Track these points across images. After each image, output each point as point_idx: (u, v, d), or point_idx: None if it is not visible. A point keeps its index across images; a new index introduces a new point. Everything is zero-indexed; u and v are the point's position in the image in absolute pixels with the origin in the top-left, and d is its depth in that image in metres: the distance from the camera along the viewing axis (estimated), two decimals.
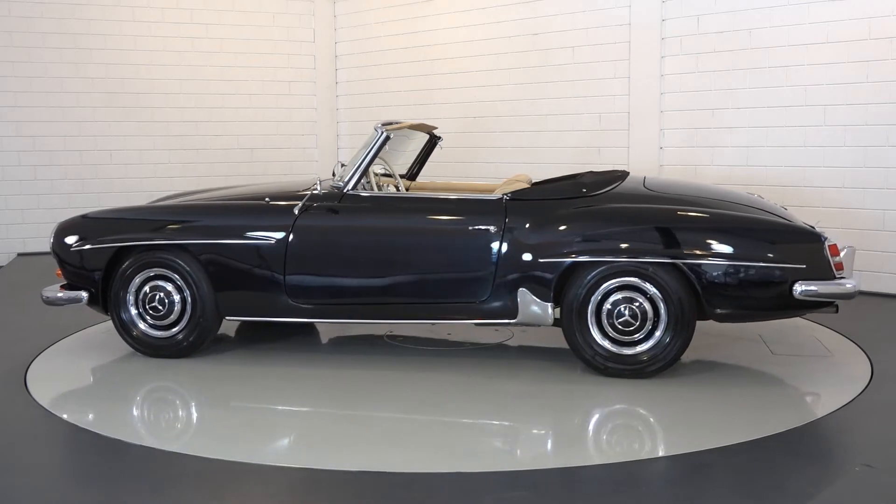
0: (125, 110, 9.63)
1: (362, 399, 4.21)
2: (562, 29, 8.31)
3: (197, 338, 4.89)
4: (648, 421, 3.88)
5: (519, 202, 4.65)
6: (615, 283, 4.38)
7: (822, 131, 6.80)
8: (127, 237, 4.90)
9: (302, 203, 4.78)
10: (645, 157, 7.76)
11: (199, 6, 9.88)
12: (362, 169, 4.86)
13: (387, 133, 4.88)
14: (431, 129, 5.92)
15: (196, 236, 4.83)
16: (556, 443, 3.71)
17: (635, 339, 4.39)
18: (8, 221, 9.25)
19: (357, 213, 4.80)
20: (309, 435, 3.78)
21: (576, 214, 4.52)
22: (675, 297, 4.30)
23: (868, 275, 6.61)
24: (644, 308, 4.35)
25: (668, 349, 4.34)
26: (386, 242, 4.74)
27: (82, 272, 4.96)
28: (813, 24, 6.76)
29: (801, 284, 4.22)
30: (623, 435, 3.75)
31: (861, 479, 3.20)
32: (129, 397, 4.35)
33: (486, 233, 4.58)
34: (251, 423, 3.94)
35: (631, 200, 4.60)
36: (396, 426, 3.90)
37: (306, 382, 4.51)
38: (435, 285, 4.67)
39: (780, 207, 4.97)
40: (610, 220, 4.48)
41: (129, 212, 5.17)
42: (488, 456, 3.52)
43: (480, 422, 3.94)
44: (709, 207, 4.52)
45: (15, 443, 3.71)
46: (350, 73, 10.43)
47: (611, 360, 4.41)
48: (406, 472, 3.31)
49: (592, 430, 3.83)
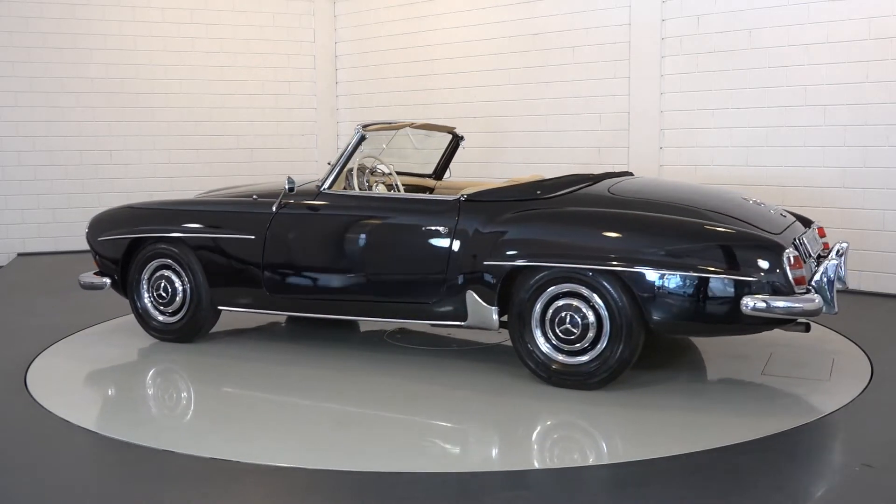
0: (125, 110, 9.63)
1: (362, 399, 4.21)
2: (562, 29, 8.32)
3: (194, 325, 5.20)
4: (649, 421, 3.87)
5: (473, 203, 4.53)
6: (557, 289, 4.19)
7: (822, 131, 6.80)
8: (137, 229, 5.31)
9: (279, 200, 4.99)
10: (645, 157, 7.76)
11: (199, 6, 9.88)
12: (338, 168, 4.98)
13: (362, 133, 4.95)
14: (452, 129, 6.04)
15: (191, 229, 5.16)
16: (555, 443, 3.71)
17: (578, 349, 4.18)
18: (8, 221, 9.25)
19: (325, 212, 4.91)
20: (309, 435, 3.78)
21: (520, 217, 4.36)
22: (617, 305, 4.05)
23: (868, 275, 6.62)
24: (586, 316, 4.14)
25: (610, 360, 4.10)
26: (347, 241, 4.81)
27: (106, 260, 5.45)
28: (813, 24, 6.76)
29: (751, 299, 3.84)
30: (623, 435, 3.75)
31: (861, 479, 3.20)
32: (129, 397, 4.35)
33: (437, 234, 4.53)
34: (252, 423, 3.94)
35: (584, 204, 4.40)
36: (395, 426, 3.90)
37: (307, 382, 4.51)
38: (390, 285, 4.71)
39: (773, 213, 4.62)
40: (550, 224, 4.31)
41: (146, 205, 5.61)
42: (484, 455, 3.52)
43: (483, 421, 3.95)
44: (662, 213, 4.24)
45: (15, 443, 3.71)
46: (350, 73, 10.43)
47: (554, 369, 4.23)
48: (406, 472, 3.31)
49: (593, 430, 3.83)
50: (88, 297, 6.85)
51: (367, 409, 4.08)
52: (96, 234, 5.49)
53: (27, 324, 5.94)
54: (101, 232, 5.47)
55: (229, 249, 5.05)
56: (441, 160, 6.18)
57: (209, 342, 5.35)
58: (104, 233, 5.44)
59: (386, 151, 5.65)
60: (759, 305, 3.82)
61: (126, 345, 5.33)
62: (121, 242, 5.34)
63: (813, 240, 4.69)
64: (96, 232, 5.49)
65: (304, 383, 4.49)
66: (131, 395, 4.38)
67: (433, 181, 6.11)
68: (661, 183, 5.20)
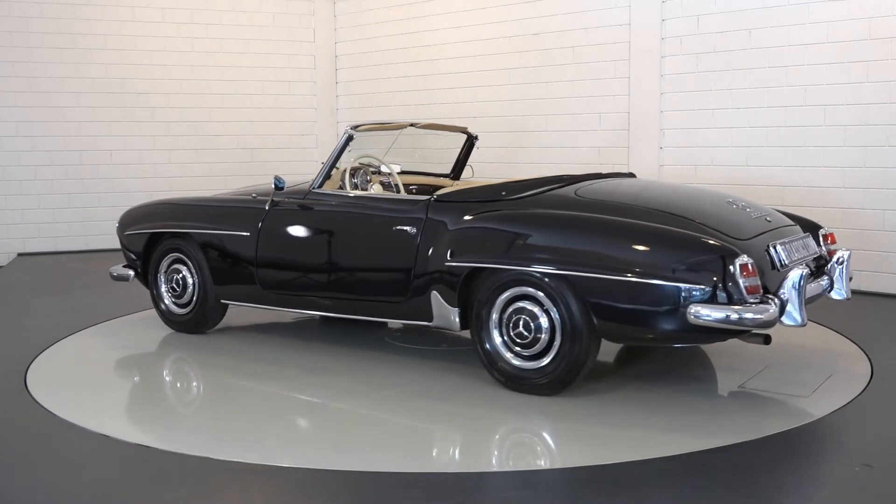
0: (125, 110, 9.63)
1: (362, 399, 4.21)
2: (562, 29, 8.32)
3: (201, 317, 5.43)
4: (649, 422, 3.87)
5: (441, 203, 4.51)
6: (514, 292, 4.12)
7: (822, 131, 6.80)
8: (153, 225, 5.60)
9: (271, 199, 5.12)
10: (645, 157, 7.77)
11: (199, 6, 9.89)
12: (328, 168, 5.04)
13: (350, 133, 5.00)
14: (464, 129, 6.08)
15: (196, 225, 5.37)
16: (556, 442, 3.71)
17: (532, 353, 4.10)
18: (8, 221, 9.26)
19: (308, 211, 4.99)
20: (309, 435, 3.78)
21: (480, 219, 4.31)
22: (568, 310, 3.94)
23: (868, 275, 6.62)
24: (539, 320, 4.06)
25: (562, 366, 4.00)
26: (326, 240, 4.88)
27: (130, 253, 5.77)
28: (813, 24, 6.77)
29: (698, 307, 3.67)
30: (623, 434, 3.75)
31: (861, 479, 3.20)
32: (130, 397, 4.35)
33: (406, 233, 4.53)
34: (253, 423, 3.94)
35: (546, 206, 4.29)
36: (395, 426, 3.90)
37: (307, 382, 4.51)
38: (364, 283, 4.74)
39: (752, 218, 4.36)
40: (507, 226, 4.22)
41: (165, 202, 5.88)
42: (485, 455, 3.52)
43: (484, 422, 3.95)
44: (622, 217, 4.09)
45: (15, 443, 3.71)
46: (350, 73, 10.43)
47: (510, 372, 4.17)
48: (406, 472, 3.31)
49: (596, 431, 3.83)
50: (88, 297, 6.87)
51: (368, 409, 4.08)
52: (123, 229, 5.81)
53: (27, 324, 5.95)
54: (126, 227, 5.78)
55: (229, 246, 5.20)
56: (458, 160, 6.21)
57: (209, 342, 5.35)
58: (129, 227, 5.75)
59: (398, 151, 5.71)
60: (704, 314, 3.66)
61: (126, 345, 5.34)
62: (141, 236, 5.63)
63: (803, 247, 4.44)
64: (123, 227, 5.81)
65: (305, 383, 4.50)
66: (131, 395, 4.38)
67: (450, 181, 6.14)
68: (646, 185, 5.04)
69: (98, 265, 8.43)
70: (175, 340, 5.43)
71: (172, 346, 5.30)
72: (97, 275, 7.81)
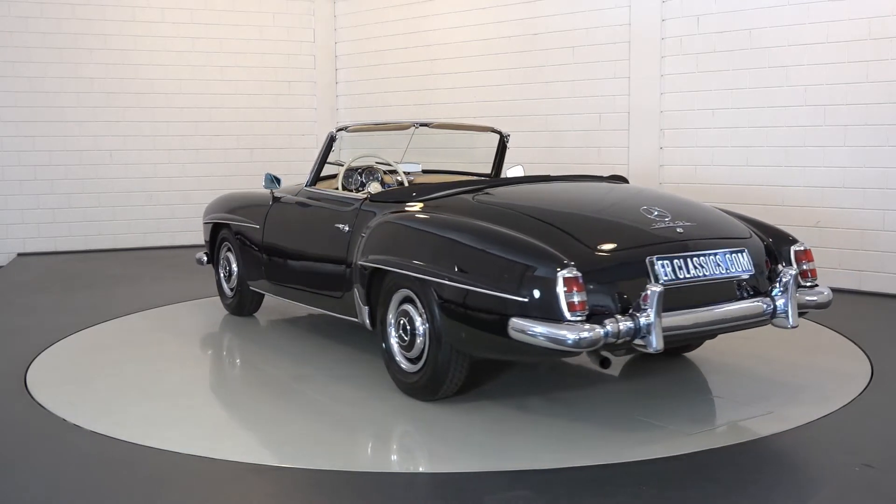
0: (125, 110, 9.63)
1: (361, 398, 4.22)
2: (562, 29, 8.32)
3: (241, 302, 5.93)
4: (649, 422, 3.87)
5: (371, 203, 4.57)
6: (400, 294, 4.11)
7: (822, 131, 6.80)
8: (212, 216, 6.15)
9: (272, 194, 5.53)
10: (645, 157, 7.77)
11: (199, 6, 9.88)
12: (316, 167, 5.30)
13: (332, 134, 5.25)
14: (490, 128, 6.18)
15: (230, 218, 5.87)
16: (556, 442, 3.71)
17: (412, 356, 4.06)
18: (8, 221, 9.25)
19: (293, 207, 5.29)
20: (309, 435, 3.78)
21: (386, 220, 4.31)
22: (431, 315, 3.85)
23: (868, 275, 6.62)
24: (416, 323, 3.99)
25: (429, 371, 3.92)
26: (298, 234, 5.17)
27: (205, 240, 6.30)
28: (813, 24, 6.77)
29: (518, 321, 3.42)
30: (623, 434, 3.75)
31: (861, 479, 3.20)
32: (130, 397, 4.35)
33: (341, 231, 4.64)
34: (253, 423, 3.94)
35: (441, 210, 4.18)
36: (396, 426, 3.90)
37: (308, 382, 4.51)
38: (317, 276, 4.91)
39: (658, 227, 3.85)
40: (398, 228, 4.23)
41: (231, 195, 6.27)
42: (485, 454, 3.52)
43: (483, 422, 3.95)
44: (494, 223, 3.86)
45: (15, 443, 3.71)
46: (350, 73, 10.43)
47: (402, 377, 4.15)
48: (406, 472, 3.31)
49: (596, 431, 3.83)
50: (88, 297, 6.87)
51: (369, 411, 4.08)
52: (203, 219, 6.35)
53: (27, 324, 5.94)
54: (204, 217, 6.34)
55: (247, 236, 5.63)
56: (495, 160, 6.29)
57: (216, 341, 5.35)
58: (205, 217, 6.33)
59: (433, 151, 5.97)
60: (520, 329, 3.40)
61: (126, 345, 5.33)
62: (207, 226, 6.22)
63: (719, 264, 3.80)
64: (204, 216, 6.35)
65: (305, 383, 4.50)
66: (132, 395, 4.37)
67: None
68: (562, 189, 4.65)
69: (98, 265, 8.44)
70: (176, 340, 5.43)
71: (173, 346, 5.30)
72: (97, 275, 7.81)
